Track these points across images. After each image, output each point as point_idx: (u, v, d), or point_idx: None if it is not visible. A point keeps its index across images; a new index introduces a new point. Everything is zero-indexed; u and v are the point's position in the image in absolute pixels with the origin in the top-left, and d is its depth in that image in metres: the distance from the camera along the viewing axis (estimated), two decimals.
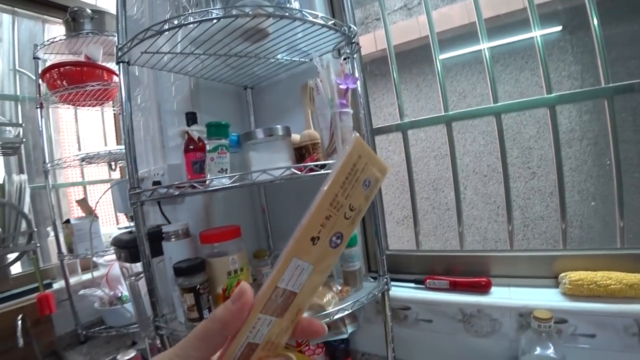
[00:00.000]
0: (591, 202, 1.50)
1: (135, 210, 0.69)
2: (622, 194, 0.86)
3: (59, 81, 1.30)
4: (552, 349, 0.64)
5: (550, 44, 1.51)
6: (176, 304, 0.72)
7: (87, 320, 1.40)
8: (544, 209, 1.55)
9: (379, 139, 1.58)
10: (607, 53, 1.54)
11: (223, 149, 0.62)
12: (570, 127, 1.50)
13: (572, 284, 0.72)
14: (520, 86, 1.48)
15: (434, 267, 0.91)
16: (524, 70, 1.45)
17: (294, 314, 0.27)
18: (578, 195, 1.48)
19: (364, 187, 0.28)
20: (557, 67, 1.52)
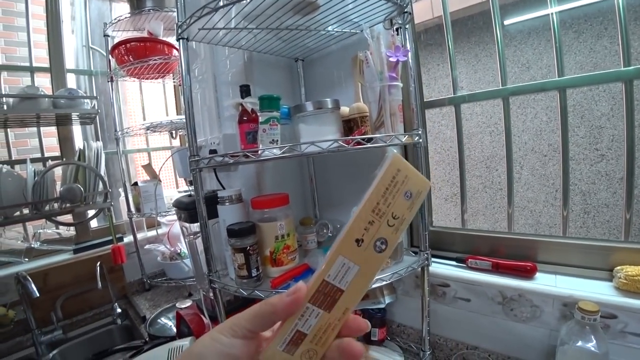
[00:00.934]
0: None
1: (194, 176, 0.76)
2: None
3: (126, 56, 1.41)
4: (595, 342, 0.62)
5: (635, 7, 1.32)
6: (228, 263, 0.80)
7: (151, 272, 1.59)
8: (611, 195, 1.42)
9: (432, 112, 1.53)
10: None
11: (274, 120, 0.66)
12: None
13: (628, 279, 0.67)
14: (596, 56, 1.33)
15: (478, 247, 0.89)
16: (602, 38, 1.31)
17: (341, 312, 0.29)
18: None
19: (406, 198, 0.30)
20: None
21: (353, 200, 0.96)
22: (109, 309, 1.43)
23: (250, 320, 0.29)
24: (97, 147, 1.32)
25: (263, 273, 0.76)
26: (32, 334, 1.26)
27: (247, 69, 0.95)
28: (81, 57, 1.72)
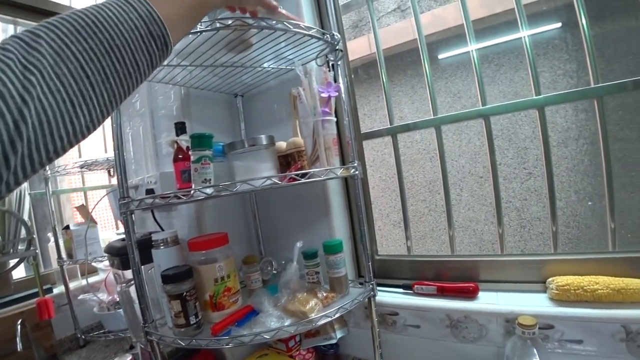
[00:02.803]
0: (588, 201, 1.50)
1: (125, 220, 0.71)
2: (613, 195, 0.85)
3: None
4: (536, 355, 0.64)
5: (546, 42, 1.50)
6: (165, 311, 0.74)
7: (86, 325, 1.42)
8: (541, 209, 1.54)
9: (376, 141, 1.58)
10: (605, 49, 1.53)
11: (206, 159, 0.64)
12: (567, 126, 1.49)
13: (559, 289, 0.72)
14: (515, 86, 1.48)
15: (424, 272, 0.91)
16: (519, 70, 1.45)
17: None
18: (575, 195, 1.47)
19: None
20: (553, 66, 1.51)
21: (298, 233, 0.95)
22: None
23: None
24: (20, 189, 1.19)
25: (203, 319, 0.71)
26: None
27: (185, 105, 0.92)
28: None
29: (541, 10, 1.53)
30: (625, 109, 1.42)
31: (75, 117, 0.29)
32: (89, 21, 0.31)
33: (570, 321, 0.68)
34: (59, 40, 0.29)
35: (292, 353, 0.90)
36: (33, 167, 0.28)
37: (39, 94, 0.27)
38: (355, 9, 1.09)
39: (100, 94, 0.31)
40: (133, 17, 0.33)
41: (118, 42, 0.32)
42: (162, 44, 0.36)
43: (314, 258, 0.80)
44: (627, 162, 1.44)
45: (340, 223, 0.93)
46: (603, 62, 1.43)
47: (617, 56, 1.41)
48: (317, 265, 0.80)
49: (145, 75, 0.36)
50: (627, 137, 1.44)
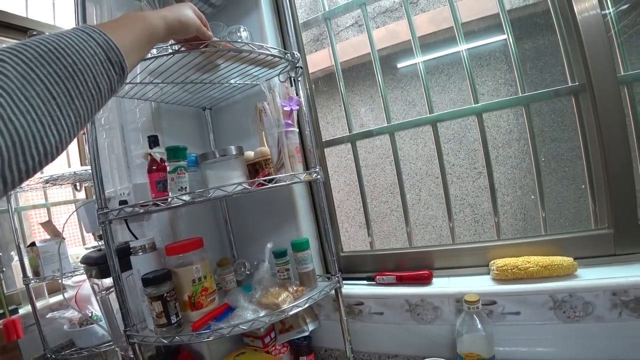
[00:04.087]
0: (531, 195, 1.68)
1: (104, 229, 0.75)
2: (542, 187, 1.00)
3: None
4: (480, 326, 0.75)
5: (489, 53, 1.68)
6: (146, 314, 0.79)
7: (56, 344, 1.40)
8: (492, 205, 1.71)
9: (339, 148, 1.69)
10: (538, 61, 1.74)
11: (182, 169, 0.70)
12: (509, 128, 1.67)
13: (499, 270, 0.84)
14: (463, 94, 1.64)
15: (385, 264, 1.01)
16: (466, 79, 1.62)
17: None
18: (520, 190, 1.65)
19: None
20: (495, 75, 1.70)
21: (268, 235, 1.02)
22: None
23: None
24: None
25: (183, 318, 0.76)
26: None
27: (155, 119, 0.98)
28: None
29: (483, 26, 1.71)
30: (556, 113, 1.62)
31: (45, 137, 0.31)
32: (52, 47, 0.33)
33: (509, 296, 0.80)
34: (23, 65, 0.30)
35: (268, 349, 0.96)
36: (5, 187, 0.28)
37: (10, 115, 0.27)
38: (315, 25, 1.19)
39: (67, 115, 0.33)
40: (92, 44, 0.37)
41: (80, 67, 0.35)
42: (120, 69, 0.40)
43: (284, 256, 0.87)
44: (562, 159, 1.63)
45: (307, 224, 1.02)
46: (537, 72, 1.62)
47: (548, 67, 1.60)
48: (287, 263, 0.87)
49: (107, 98, 0.40)
50: (560, 137, 1.63)
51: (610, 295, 0.72)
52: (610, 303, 0.72)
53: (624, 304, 0.71)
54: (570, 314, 0.75)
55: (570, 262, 0.79)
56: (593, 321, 0.74)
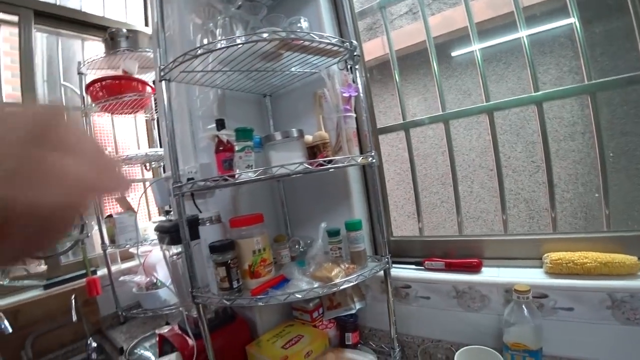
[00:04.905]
0: (595, 193, 1.58)
1: (177, 201, 0.85)
2: (607, 184, 0.95)
3: (100, 93, 1.50)
4: (529, 317, 0.75)
5: (552, 39, 1.59)
6: (209, 279, 0.89)
7: (125, 304, 1.60)
8: (549, 201, 1.64)
9: (391, 136, 1.70)
10: (609, 46, 1.61)
11: (249, 149, 0.78)
12: (573, 120, 1.57)
13: (553, 263, 0.82)
14: (522, 83, 1.57)
15: (433, 251, 1.03)
16: (526, 68, 1.56)
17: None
18: (582, 187, 1.56)
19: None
20: (559, 63, 1.60)
21: (321, 216, 1.08)
22: (82, 345, 1.43)
23: None
24: None
25: (243, 285, 0.85)
26: None
27: (221, 105, 1.07)
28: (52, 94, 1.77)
29: (547, 9, 1.62)
30: (630, 104, 1.50)
31: None
32: None
33: (562, 291, 0.79)
34: None
35: (315, 323, 1.03)
36: None
37: None
38: (369, 14, 1.21)
39: None
40: None
41: None
42: None
43: (337, 235, 0.93)
44: (633, 155, 1.51)
45: (359, 207, 1.06)
46: (607, 59, 1.51)
47: (621, 52, 1.48)
48: (339, 242, 0.93)
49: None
50: (632, 131, 1.51)
51: None
52: None
53: None
54: (630, 315, 0.72)
55: (635, 261, 0.75)
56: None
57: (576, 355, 0.78)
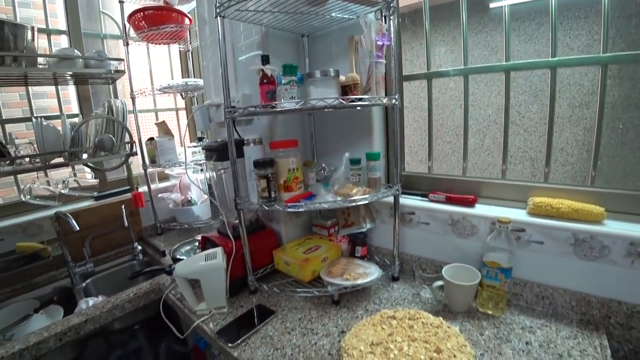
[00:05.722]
0: (597, 161, 1.75)
1: (228, 124, 1.06)
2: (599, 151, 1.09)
3: (142, 22, 1.64)
4: (507, 243, 0.94)
5: (590, 5, 1.64)
6: (250, 190, 1.12)
7: (163, 218, 1.89)
8: (553, 162, 1.79)
9: (414, 84, 1.84)
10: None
11: (293, 83, 0.96)
12: (592, 89, 1.68)
13: (534, 205, 1.00)
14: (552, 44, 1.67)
15: (439, 187, 1.23)
16: (557, 30, 1.65)
17: None
18: (586, 153, 1.71)
19: None
20: (591, 30, 1.67)
21: (344, 148, 1.28)
22: (129, 249, 1.74)
23: None
24: (123, 103, 1.57)
25: (278, 197, 1.08)
26: (67, 267, 1.54)
27: (264, 42, 1.23)
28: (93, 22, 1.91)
29: None
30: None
31: None
32: None
33: (537, 227, 0.97)
34: None
35: (331, 238, 1.28)
36: None
37: None
38: None
39: None
40: None
41: None
42: None
43: (358, 164, 1.14)
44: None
45: (379, 142, 1.26)
46: None
47: None
48: (360, 169, 1.14)
49: None
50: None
51: (627, 245, 0.84)
52: (625, 251, 0.84)
53: (638, 254, 0.83)
54: (588, 252, 0.90)
55: (601, 211, 0.91)
56: (606, 263, 0.87)
57: (541, 281, 0.98)
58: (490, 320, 0.97)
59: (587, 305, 0.92)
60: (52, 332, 1.12)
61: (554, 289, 0.97)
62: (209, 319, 1.07)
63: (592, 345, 0.84)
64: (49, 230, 1.56)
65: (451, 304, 1.03)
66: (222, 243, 1.18)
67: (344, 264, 1.14)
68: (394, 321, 0.84)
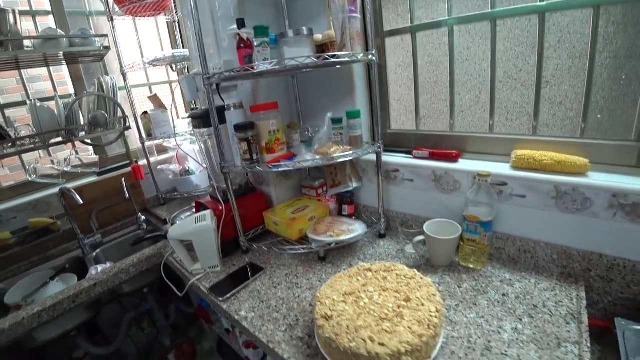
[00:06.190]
0: (598, 114, 1.71)
1: (207, 89, 1.08)
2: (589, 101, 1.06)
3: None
4: (486, 197, 0.95)
5: None
6: (234, 154, 1.16)
7: (164, 189, 1.97)
8: (551, 117, 1.74)
9: (407, 42, 1.79)
10: None
11: (265, 44, 0.97)
12: None
13: (517, 158, 0.99)
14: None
15: (426, 143, 1.24)
16: None
17: None
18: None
19: None
20: None
21: (328, 109, 1.30)
22: (134, 220, 1.83)
23: None
24: (113, 80, 1.61)
25: (261, 159, 1.12)
26: (77, 239, 1.65)
27: (240, 6, 1.23)
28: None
29: None
30: None
31: None
32: None
33: (519, 180, 0.96)
34: None
35: (320, 198, 1.33)
36: None
37: None
38: None
39: None
40: None
41: None
42: None
43: (340, 123, 1.16)
44: None
45: (362, 102, 1.27)
46: None
47: None
48: (341, 128, 1.16)
49: None
50: None
51: (610, 197, 0.83)
52: (608, 203, 0.84)
53: (620, 206, 0.82)
54: (570, 205, 0.90)
55: (584, 162, 0.90)
56: (588, 216, 0.87)
57: (523, 235, 1.00)
58: (471, 273, 1.00)
59: (568, 258, 0.93)
60: (66, 295, 1.24)
61: (535, 242, 0.98)
62: (203, 277, 1.15)
63: (569, 297, 0.86)
64: (57, 207, 1.66)
65: (433, 258, 1.07)
66: (212, 206, 1.24)
67: (329, 222, 1.19)
68: (369, 273, 0.89)
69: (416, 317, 0.72)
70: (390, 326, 0.70)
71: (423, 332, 0.68)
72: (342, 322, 0.73)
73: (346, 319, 0.73)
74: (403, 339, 0.66)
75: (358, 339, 0.68)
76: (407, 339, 0.66)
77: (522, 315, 0.82)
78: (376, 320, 0.72)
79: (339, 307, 0.77)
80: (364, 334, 0.68)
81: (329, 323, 0.74)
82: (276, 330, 0.87)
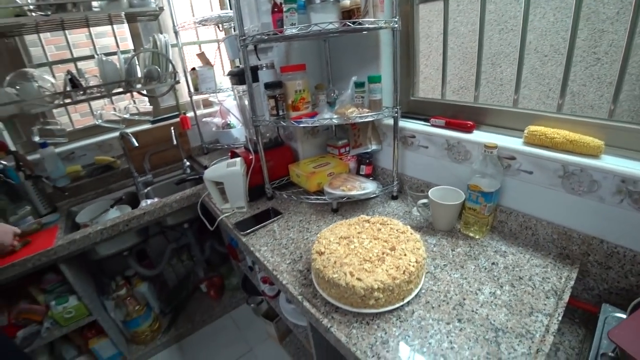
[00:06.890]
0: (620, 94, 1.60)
1: (243, 51, 1.22)
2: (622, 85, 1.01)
3: None
4: (491, 168, 0.98)
5: None
6: (264, 109, 1.30)
7: (208, 140, 2.20)
8: (598, 98, 1.65)
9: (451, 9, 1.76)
10: None
11: (293, 10, 1.07)
12: None
13: (529, 134, 0.98)
14: None
15: (447, 112, 1.27)
16: None
17: None
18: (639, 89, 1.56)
19: None
20: None
21: (355, 73, 1.38)
22: (180, 165, 2.09)
23: None
24: (166, 37, 1.80)
25: (287, 116, 1.26)
26: (132, 177, 1.93)
27: None
28: None
29: None
30: None
31: None
32: None
33: (527, 156, 0.96)
34: None
35: (341, 157, 1.45)
36: None
37: None
38: None
39: None
40: None
41: None
42: None
43: (362, 87, 1.24)
44: None
45: (387, 68, 1.32)
46: None
47: None
48: (363, 92, 1.24)
49: None
50: None
51: (618, 182, 0.80)
52: (615, 188, 0.81)
53: (628, 193, 0.79)
54: (576, 186, 0.88)
55: (598, 144, 0.86)
56: (594, 199, 0.86)
57: (526, 211, 1.02)
58: (468, 240, 1.06)
59: (568, 240, 0.93)
60: (121, 219, 1.52)
61: (537, 220, 0.99)
62: (231, 215, 1.35)
63: (558, 275, 0.87)
64: (117, 148, 1.95)
65: (435, 222, 1.15)
66: (243, 155, 1.41)
67: (345, 178, 1.31)
68: (367, 224, 1.01)
69: (396, 263, 0.83)
70: (371, 267, 0.83)
71: (397, 276, 0.79)
72: (331, 258, 0.87)
73: (335, 257, 0.87)
74: (378, 278, 0.79)
75: (340, 272, 0.82)
76: (382, 279, 0.79)
77: (504, 283, 0.86)
78: (360, 260, 0.85)
79: (332, 247, 0.92)
80: (346, 269, 0.82)
81: (320, 257, 0.89)
82: (282, 262, 1.05)
